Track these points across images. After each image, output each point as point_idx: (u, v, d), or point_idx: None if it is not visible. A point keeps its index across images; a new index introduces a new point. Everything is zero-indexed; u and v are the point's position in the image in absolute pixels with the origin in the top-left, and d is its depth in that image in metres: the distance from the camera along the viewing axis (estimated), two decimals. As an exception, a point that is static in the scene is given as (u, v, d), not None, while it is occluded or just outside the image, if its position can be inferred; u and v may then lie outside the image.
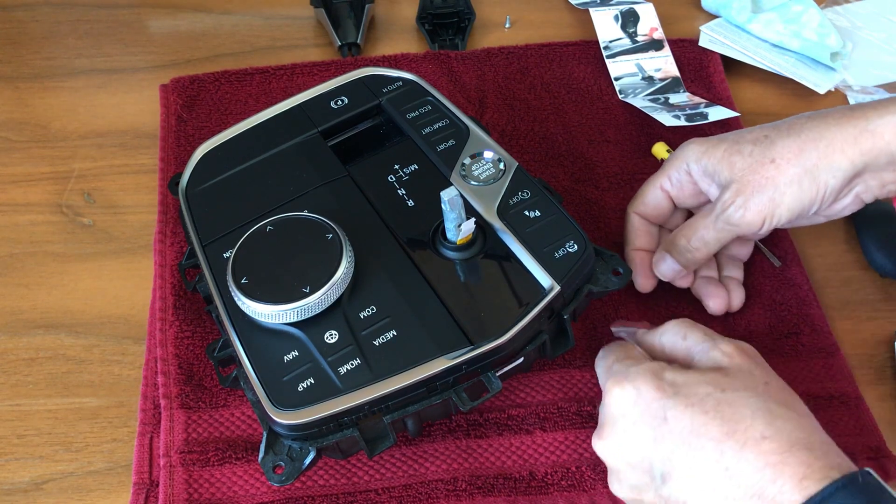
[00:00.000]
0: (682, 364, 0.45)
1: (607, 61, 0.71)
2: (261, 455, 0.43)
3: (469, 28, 0.75)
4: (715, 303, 0.54)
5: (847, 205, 0.49)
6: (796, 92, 0.70)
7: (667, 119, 0.64)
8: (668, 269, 0.54)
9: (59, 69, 0.74)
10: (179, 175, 0.55)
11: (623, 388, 0.42)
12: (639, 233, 0.55)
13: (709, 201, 0.53)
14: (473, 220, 0.47)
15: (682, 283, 0.55)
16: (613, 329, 0.52)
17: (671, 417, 0.40)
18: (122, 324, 0.57)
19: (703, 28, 0.74)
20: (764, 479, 0.37)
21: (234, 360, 0.47)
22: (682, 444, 0.39)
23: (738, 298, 0.55)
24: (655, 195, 0.54)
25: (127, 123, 0.69)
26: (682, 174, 0.52)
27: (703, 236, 0.51)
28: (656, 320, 0.55)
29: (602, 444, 0.43)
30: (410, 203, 0.51)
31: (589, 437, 0.50)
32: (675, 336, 0.46)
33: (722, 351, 0.43)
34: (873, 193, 0.49)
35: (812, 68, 0.70)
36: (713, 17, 0.77)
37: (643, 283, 0.55)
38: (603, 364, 0.47)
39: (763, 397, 0.40)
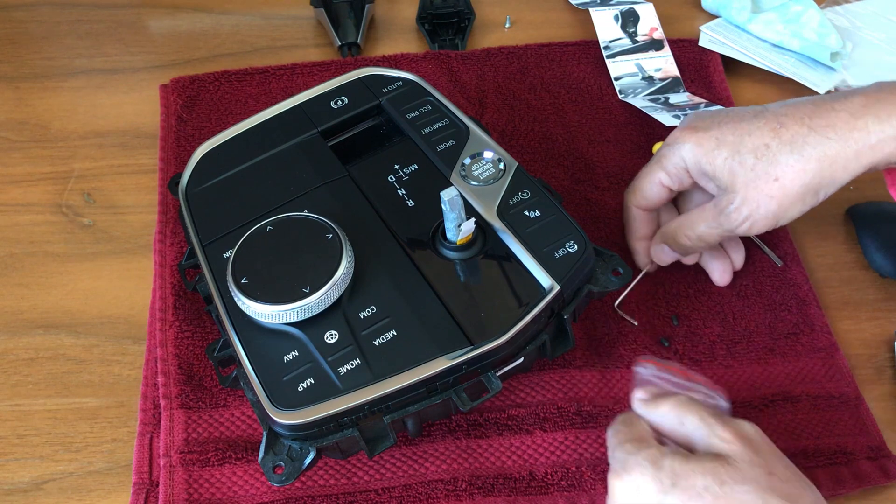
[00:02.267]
0: (685, 446, 0.43)
1: (607, 61, 0.71)
2: (261, 455, 0.43)
3: (469, 28, 0.75)
4: (720, 275, 0.57)
5: None
6: (796, 92, 0.70)
7: (667, 119, 0.64)
8: (667, 257, 0.56)
9: (59, 69, 0.74)
10: (179, 175, 0.55)
11: (622, 480, 0.41)
12: (640, 223, 0.56)
13: (704, 190, 0.54)
14: (473, 220, 0.47)
15: (688, 260, 0.57)
16: (637, 368, 0.47)
17: None
18: (122, 324, 0.57)
19: (703, 28, 0.74)
20: None
21: (234, 360, 0.47)
22: None
23: (739, 259, 0.57)
24: (655, 190, 0.54)
25: (127, 123, 0.69)
26: (679, 171, 0.52)
27: (704, 236, 0.52)
28: (656, 318, 0.56)
29: None
30: (410, 203, 0.51)
31: (589, 437, 0.50)
32: (672, 421, 0.43)
33: (720, 438, 0.41)
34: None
35: (812, 68, 0.70)
36: (713, 17, 0.77)
37: (651, 269, 0.57)
38: (609, 444, 0.44)
39: (764, 492, 0.38)
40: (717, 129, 0.50)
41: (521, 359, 0.46)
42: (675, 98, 0.68)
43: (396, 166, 0.53)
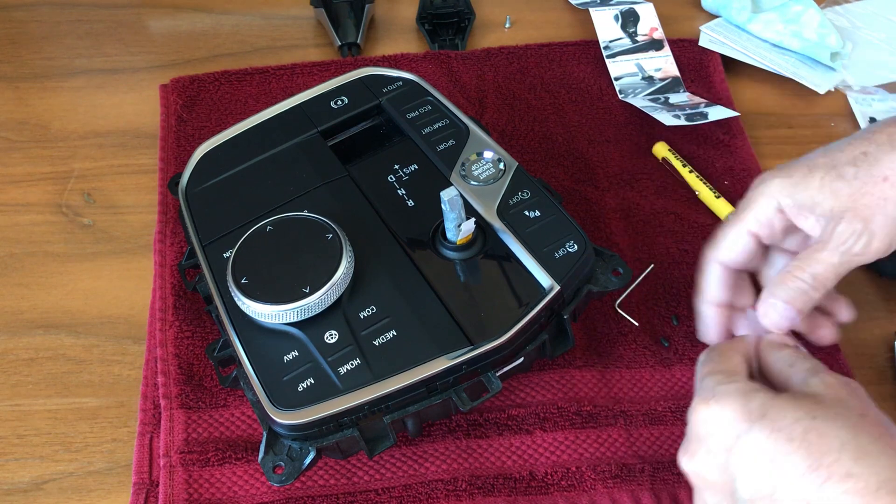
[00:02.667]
0: (779, 388, 0.42)
1: (607, 61, 0.71)
2: (261, 455, 0.43)
3: (469, 28, 0.75)
4: (826, 333, 0.50)
5: None
6: (796, 92, 0.70)
7: (667, 119, 0.64)
8: (784, 318, 0.45)
9: (59, 69, 0.74)
10: (179, 175, 0.55)
11: (708, 407, 0.40)
12: (717, 283, 0.48)
13: (804, 234, 0.47)
14: (473, 220, 0.47)
15: (823, 337, 0.51)
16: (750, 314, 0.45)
17: (754, 443, 0.38)
18: (122, 324, 0.57)
19: (703, 28, 0.74)
20: None
21: (234, 360, 0.47)
22: (764, 473, 0.37)
23: (845, 312, 0.50)
24: (742, 240, 0.47)
25: (127, 123, 0.69)
26: (771, 212, 0.46)
27: (819, 273, 0.45)
28: (656, 318, 0.56)
29: (686, 461, 0.41)
30: (410, 203, 0.51)
31: (589, 437, 0.50)
32: (783, 362, 0.42)
33: (822, 380, 0.40)
34: None
35: (812, 68, 0.70)
36: (713, 17, 0.77)
37: (714, 339, 0.49)
38: (699, 371, 0.43)
39: (856, 430, 0.37)
40: (804, 159, 0.46)
41: (521, 359, 0.46)
42: (675, 98, 0.68)
43: (396, 166, 0.53)
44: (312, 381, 0.43)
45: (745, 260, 0.48)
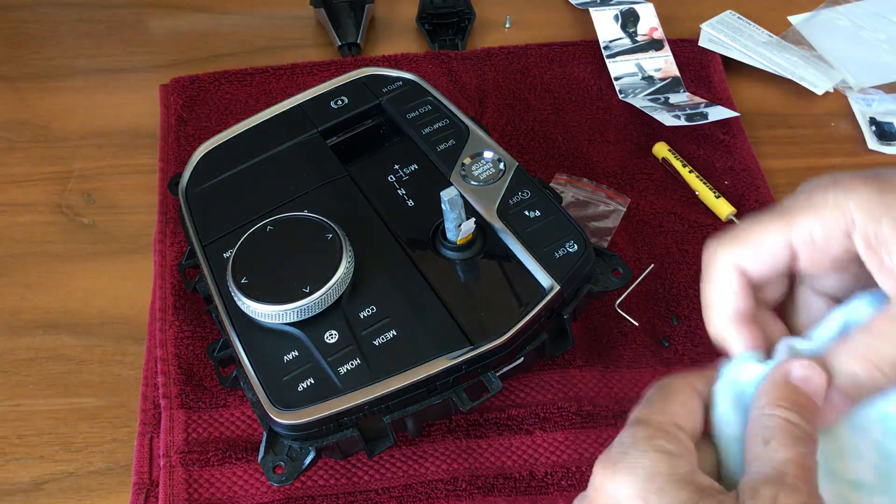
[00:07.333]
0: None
1: (607, 61, 0.71)
2: (261, 455, 0.43)
3: (469, 28, 0.75)
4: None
5: None
6: (796, 92, 0.70)
7: (667, 119, 0.64)
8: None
9: (59, 69, 0.74)
10: (179, 175, 0.55)
11: (612, 474, 0.30)
12: (736, 292, 0.35)
13: (855, 277, 0.35)
14: (473, 220, 0.47)
15: None
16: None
17: None
18: (122, 324, 0.57)
19: (703, 26, 0.74)
20: None
21: (234, 360, 0.47)
22: None
23: None
24: (776, 248, 0.34)
25: (127, 123, 0.69)
26: (834, 231, 0.32)
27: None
28: (656, 318, 0.56)
29: None
30: (410, 203, 0.51)
31: (589, 437, 0.50)
32: (761, 430, 0.31)
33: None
34: None
35: (811, 69, 0.70)
36: (713, 16, 0.77)
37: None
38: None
39: None
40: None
41: (521, 359, 0.46)
42: (675, 98, 0.68)
43: (396, 166, 0.53)
44: (312, 381, 0.43)
45: (769, 275, 0.35)
